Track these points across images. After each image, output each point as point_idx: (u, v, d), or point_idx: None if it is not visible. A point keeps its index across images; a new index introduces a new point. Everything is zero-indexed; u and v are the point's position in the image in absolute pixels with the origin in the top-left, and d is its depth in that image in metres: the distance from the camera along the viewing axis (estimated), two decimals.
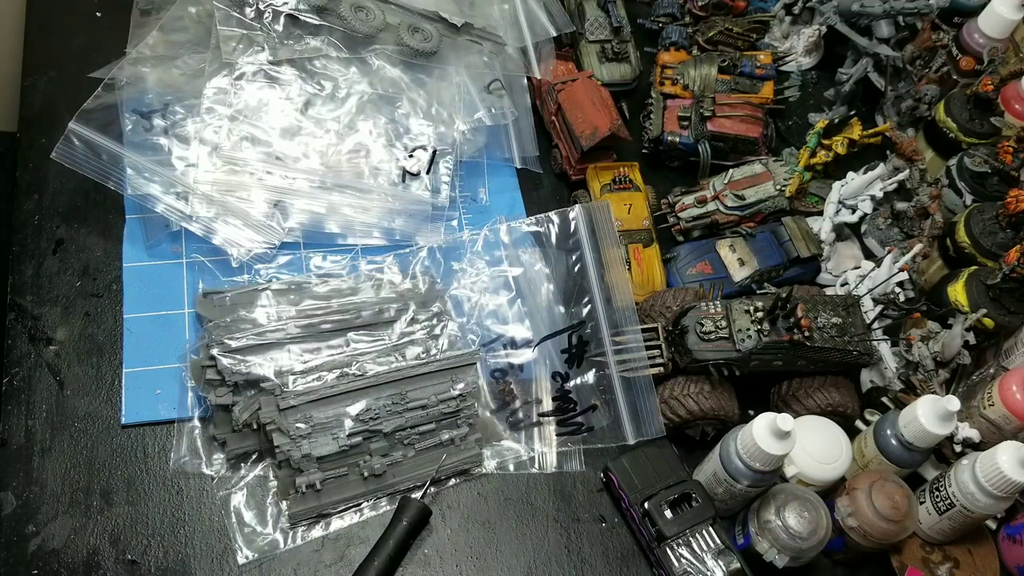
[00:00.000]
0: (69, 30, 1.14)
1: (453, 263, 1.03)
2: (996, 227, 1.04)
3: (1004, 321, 0.98)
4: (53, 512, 0.84)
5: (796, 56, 1.30)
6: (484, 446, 0.94)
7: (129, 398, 0.90)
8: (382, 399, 0.89)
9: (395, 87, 1.08)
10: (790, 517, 0.86)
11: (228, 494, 0.87)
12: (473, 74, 1.11)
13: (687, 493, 0.89)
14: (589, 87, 1.11)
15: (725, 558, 0.85)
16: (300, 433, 0.85)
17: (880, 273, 1.04)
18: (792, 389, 0.98)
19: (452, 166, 1.07)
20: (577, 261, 1.03)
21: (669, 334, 0.97)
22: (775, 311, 0.92)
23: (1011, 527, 0.96)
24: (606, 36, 1.20)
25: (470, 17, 1.12)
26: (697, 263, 1.07)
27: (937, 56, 1.22)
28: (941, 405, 0.86)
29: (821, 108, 1.27)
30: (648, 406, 0.96)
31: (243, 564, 0.84)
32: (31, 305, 0.94)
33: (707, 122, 1.14)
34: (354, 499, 0.88)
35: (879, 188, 1.11)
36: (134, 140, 0.98)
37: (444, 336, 0.96)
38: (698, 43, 1.23)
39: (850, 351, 0.94)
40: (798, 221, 1.09)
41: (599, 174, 1.10)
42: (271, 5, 1.03)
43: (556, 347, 0.99)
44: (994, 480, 0.85)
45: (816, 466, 0.91)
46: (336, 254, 1.02)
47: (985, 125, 1.13)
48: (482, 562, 0.89)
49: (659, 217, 1.11)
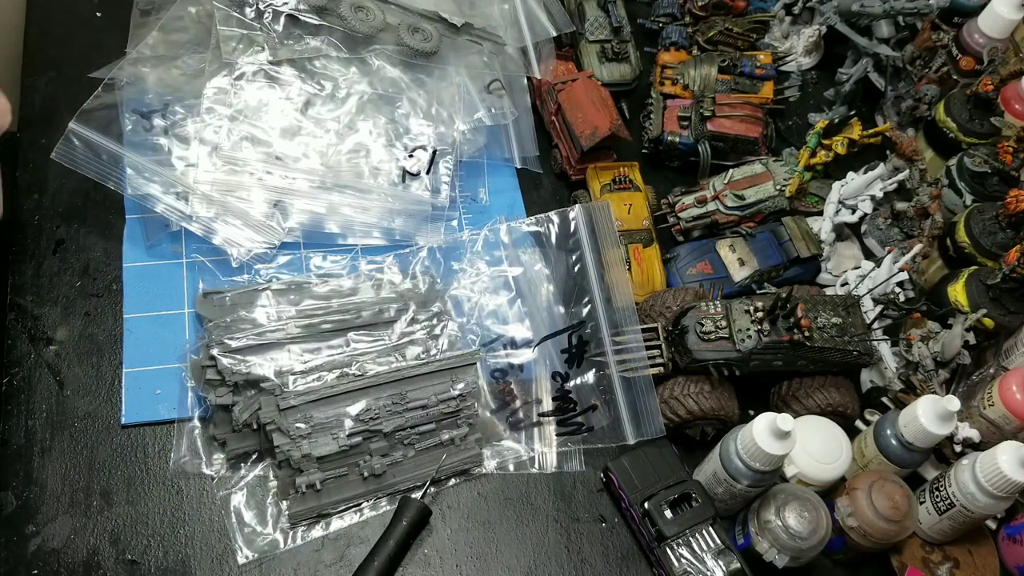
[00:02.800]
0: (69, 30, 1.14)
1: (453, 263, 1.03)
2: (996, 227, 1.04)
3: (1004, 321, 0.98)
4: (53, 512, 0.84)
5: (796, 56, 1.30)
6: (484, 446, 0.94)
7: (129, 398, 0.90)
8: (382, 399, 0.89)
9: (395, 87, 1.08)
10: (790, 517, 0.86)
11: (228, 494, 0.87)
12: (473, 74, 1.11)
13: (687, 493, 0.89)
14: (589, 87, 1.11)
15: (725, 558, 0.85)
16: (300, 433, 0.85)
17: (880, 273, 1.04)
18: (792, 389, 0.98)
19: (452, 166, 1.07)
20: (577, 261, 1.03)
21: (669, 334, 0.97)
22: (775, 311, 0.92)
23: (1011, 527, 0.96)
24: (606, 36, 1.20)
25: (470, 17, 1.12)
26: (697, 263, 1.07)
27: (937, 56, 1.22)
28: (941, 405, 0.86)
29: (821, 108, 1.27)
30: (648, 406, 0.96)
31: (243, 564, 0.84)
32: (31, 305, 0.94)
33: (707, 122, 1.14)
34: (354, 499, 0.88)
35: (879, 188, 1.11)
36: (134, 140, 0.98)
37: (444, 336, 0.96)
38: (698, 43, 1.23)
39: (850, 351, 0.94)
40: (798, 221, 1.09)
41: (599, 174, 1.10)
42: (271, 5, 1.03)
43: (556, 347, 0.99)
44: (994, 480, 0.85)
45: (816, 466, 0.91)
46: (336, 254, 1.02)
47: (985, 125, 1.13)
48: (482, 562, 0.89)
49: (659, 217, 1.11)
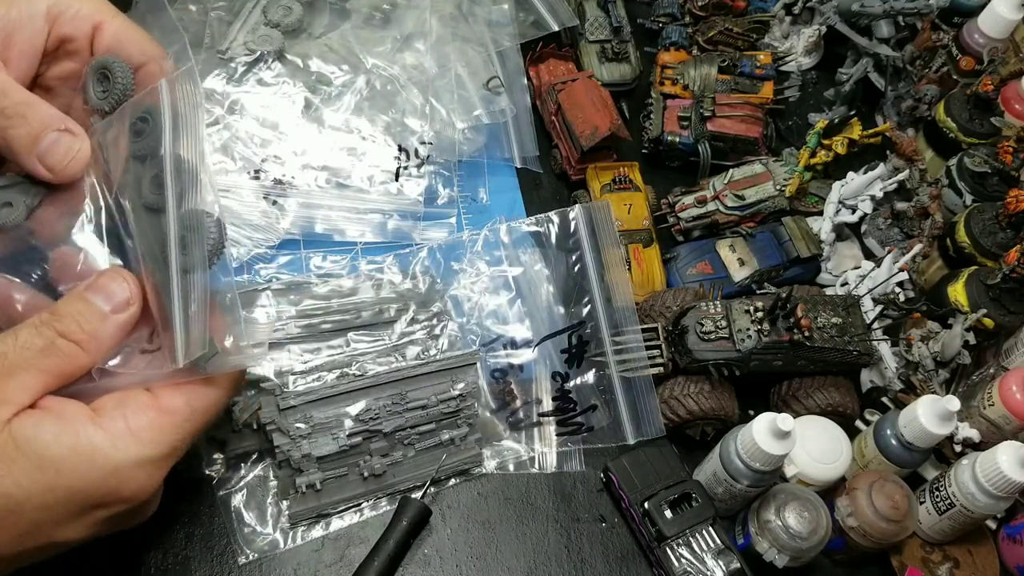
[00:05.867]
0: None
1: (453, 263, 1.03)
2: (996, 227, 1.04)
3: (1004, 321, 0.98)
4: None
5: (796, 56, 1.30)
6: (484, 446, 0.94)
7: None
8: (382, 399, 0.89)
9: (393, 86, 1.08)
10: (790, 517, 0.86)
11: (228, 494, 0.87)
12: (472, 72, 1.11)
13: (687, 493, 0.89)
14: (589, 87, 1.11)
15: (725, 558, 0.85)
16: (300, 433, 0.85)
17: (880, 273, 1.04)
18: (792, 389, 0.98)
19: (451, 166, 1.07)
20: (577, 261, 1.03)
21: (669, 334, 0.97)
22: (775, 311, 0.92)
23: (1011, 527, 0.96)
24: (606, 36, 1.20)
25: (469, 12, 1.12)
26: (697, 263, 1.07)
27: (937, 56, 1.22)
28: (941, 405, 0.86)
29: (821, 108, 1.27)
30: (648, 406, 0.96)
31: (243, 564, 0.84)
32: None
33: (707, 122, 1.14)
34: (354, 499, 0.88)
35: (879, 188, 1.11)
36: None
37: (444, 336, 0.96)
38: (698, 43, 1.23)
39: (850, 351, 0.94)
40: (798, 221, 1.09)
41: (599, 174, 1.10)
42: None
43: (556, 347, 0.99)
44: (994, 480, 0.85)
45: (816, 466, 0.91)
46: (336, 254, 1.02)
47: (985, 125, 1.13)
48: (482, 562, 0.89)
49: (659, 217, 1.11)
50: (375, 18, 1.10)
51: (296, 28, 1.05)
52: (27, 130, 0.63)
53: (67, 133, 0.64)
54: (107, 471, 0.60)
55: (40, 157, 0.64)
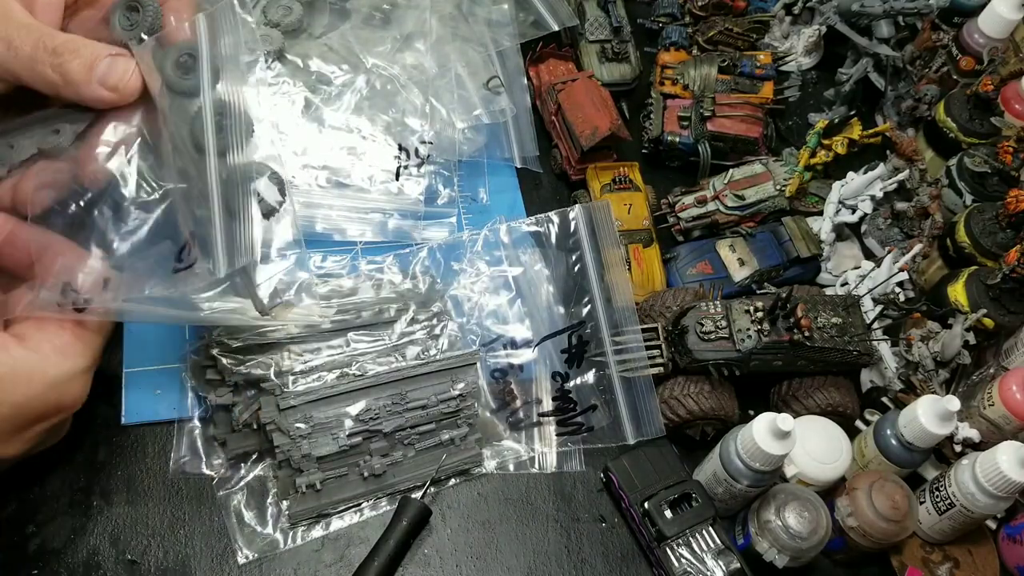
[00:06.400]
0: None
1: (453, 263, 1.03)
2: (996, 227, 1.04)
3: (1004, 321, 0.98)
4: (53, 512, 0.84)
5: (796, 56, 1.30)
6: (484, 446, 0.94)
7: (129, 398, 0.90)
8: (382, 399, 0.89)
9: (393, 86, 1.08)
10: (790, 517, 0.86)
11: (228, 494, 0.87)
12: (472, 72, 1.11)
13: (687, 493, 0.89)
14: (589, 87, 1.11)
15: (725, 558, 0.85)
16: (300, 433, 0.85)
17: (880, 273, 1.04)
18: (792, 389, 0.98)
19: (451, 166, 1.07)
20: (577, 261, 1.03)
21: (669, 334, 0.97)
22: (775, 311, 0.92)
23: (1011, 527, 0.96)
24: (606, 36, 1.20)
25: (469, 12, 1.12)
26: (697, 263, 1.07)
27: (937, 56, 1.22)
28: (941, 405, 0.86)
29: (821, 108, 1.27)
30: (648, 406, 0.96)
31: (243, 564, 0.84)
32: None
33: (707, 122, 1.14)
34: (354, 499, 0.88)
35: (879, 188, 1.11)
36: None
37: (444, 336, 0.96)
38: (698, 43, 1.23)
39: (850, 351, 0.94)
40: (798, 221, 1.09)
41: (599, 174, 1.10)
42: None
43: (556, 347, 0.99)
44: (994, 480, 0.85)
45: (816, 466, 0.91)
46: (336, 254, 1.02)
47: (985, 125, 1.13)
48: (482, 562, 0.89)
49: (659, 217, 1.11)
50: (375, 18, 1.10)
51: (296, 28, 1.05)
52: (81, 61, 0.67)
53: (119, 56, 0.69)
54: (47, 386, 0.68)
55: (101, 80, 0.68)
